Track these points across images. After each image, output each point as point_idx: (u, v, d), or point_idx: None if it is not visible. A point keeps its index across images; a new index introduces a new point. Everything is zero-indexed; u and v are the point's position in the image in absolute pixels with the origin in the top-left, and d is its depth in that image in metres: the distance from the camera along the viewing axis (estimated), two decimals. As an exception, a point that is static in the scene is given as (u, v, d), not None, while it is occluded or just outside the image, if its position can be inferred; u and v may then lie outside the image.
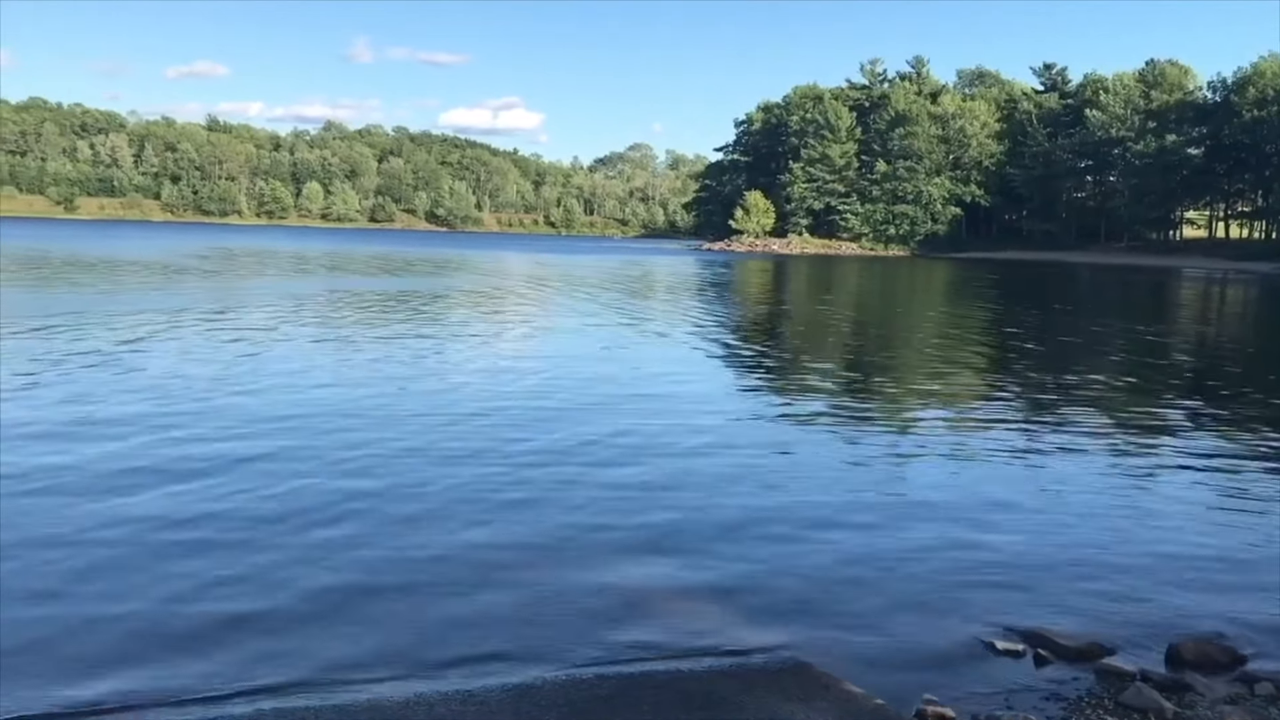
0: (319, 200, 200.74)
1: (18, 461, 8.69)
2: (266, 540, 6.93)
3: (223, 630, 5.48)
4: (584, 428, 11.03)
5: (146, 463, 8.83)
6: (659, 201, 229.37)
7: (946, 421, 12.52)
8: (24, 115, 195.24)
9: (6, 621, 5.46)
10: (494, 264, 59.71)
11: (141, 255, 52.88)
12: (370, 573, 6.41)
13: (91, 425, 10.29)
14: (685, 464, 9.52)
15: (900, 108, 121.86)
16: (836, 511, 8.13)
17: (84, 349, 15.96)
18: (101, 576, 6.17)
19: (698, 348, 19.84)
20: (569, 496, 8.26)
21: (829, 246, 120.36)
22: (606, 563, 6.74)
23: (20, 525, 7.00)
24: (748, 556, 6.96)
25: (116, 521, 7.18)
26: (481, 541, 7.08)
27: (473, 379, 14.48)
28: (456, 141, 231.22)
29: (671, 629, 5.67)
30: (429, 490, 8.30)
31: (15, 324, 18.95)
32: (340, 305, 26.91)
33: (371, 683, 4.93)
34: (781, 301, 38.62)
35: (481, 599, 6.04)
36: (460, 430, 10.69)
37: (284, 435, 10.13)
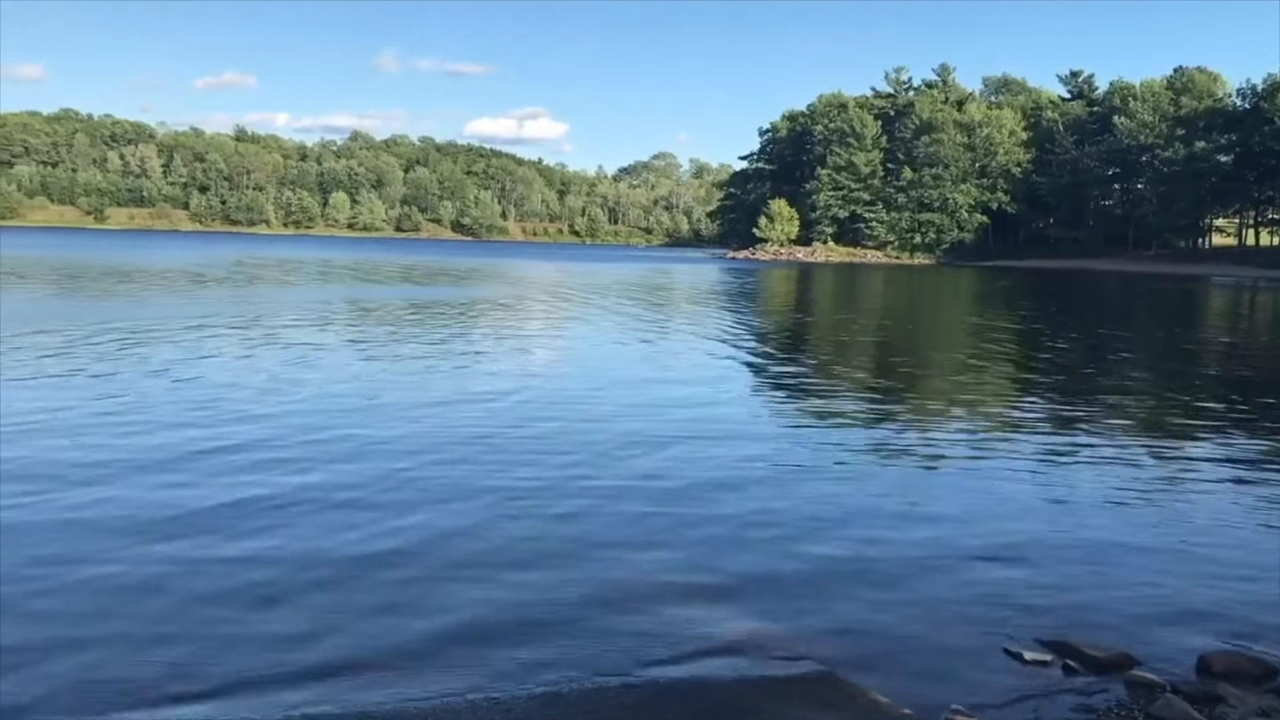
0: (345, 210, 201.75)
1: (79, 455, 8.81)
2: (295, 545, 6.99)
3: (251, 635, 5.53)
4: (609, 438, 11.05)
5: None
6: (683, 210, 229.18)
7: (973, 430, 12.45)
8: (55, 126, 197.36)
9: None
10: (521, 273, 59.86)
11: (177, 265, 53.35)
12: (394, 581, 6.44)
13: (157, 449, 10.40)
14: (706, 474, 9.51)
15: (926, 115, 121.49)
16: (861, 520, 8.11)
17: (155, 359, 16.22)
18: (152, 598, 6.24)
19: (722, 356, 19.82)
20: (594, 506, 8.28)
21: (854, 255, 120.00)
22: (631, 572, 6.74)
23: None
24: (772, 566, 6.95)
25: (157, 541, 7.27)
26: (504, 550, 7.11)
27: (506, 386, 14.54)
28: (482, 151, 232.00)
29: (697, 638, 5.67)
30: (453, 499, 8.34)
31: (73, 332, 19.22)
32: (376, 315, 27.06)
33: (397, 690, 4.95)
34: (807, 310, 38.55)
35: (507, 607, 6.06)
36: (493, 442, 10.74)
37: (308, 447, 10.21)
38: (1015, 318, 34.82)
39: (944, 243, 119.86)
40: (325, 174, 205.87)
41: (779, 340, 24.93)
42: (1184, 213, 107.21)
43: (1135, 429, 12.74)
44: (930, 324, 33.32)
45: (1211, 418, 13.80)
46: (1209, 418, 13.80)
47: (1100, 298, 52.72)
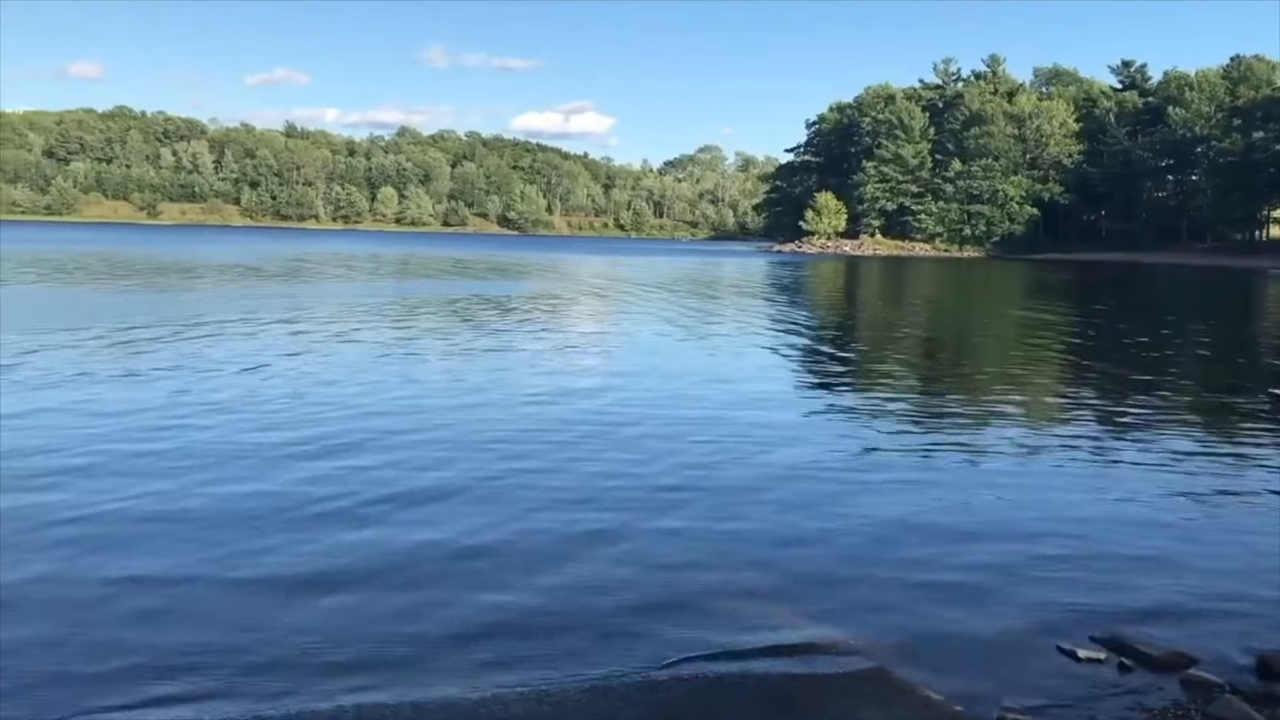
0: (393, 205, 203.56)
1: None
2: (348, 539, 7.08)
3: (305, 630, 5.59)
4: (659, 433, 11.07)
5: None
6: (729, 203, 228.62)
7: (1023, 426, 12.31)
8: (110, 123, 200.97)
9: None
10: (572, 268, 60.01)
11: (237, 260, 54.07)
12: (444, 573, 6.49)
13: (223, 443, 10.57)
14: (756, 469, 9.49)
15: (975, 107, 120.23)
16: (910, 516, 8.04)
17: (247, 355, 16.49)
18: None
19: (776, 354, 19.74)
20: (639, 499, 8.29)
21: (901, 247, 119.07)
22: (679, 565, 6.74)
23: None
24: (820, 561, 6.93)
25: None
26: (554, 544, 7.13)
27: (554, 383, 14.61)
28: (528, 146, 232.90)
29: (745, 632, 5.66)
30: (504, 491, 8.38)
31: (160, 329, 19.61)
32: (446, 311, 27.28)
33: (447, 681, 4.99)
34: (858, 304, 38.31)
35: (557, 598, 6.08)
36: (541, 435, 10.81)
37: (363, 449, 10.32)
38: (1069, 312, 34.37)
39: (994, 235, 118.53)
40: (373, 169, 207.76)
41: (831, 336, 24.78)
42: (1240, 204, 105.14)
43: (1195, 427, 12.52)
44: (982, 319, 32.97)
45: (1272, 413, 13.54)
46: (1269, 413, 13.54)
47: (1156, 291, 51.88)
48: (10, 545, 6.73)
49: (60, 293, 29.93)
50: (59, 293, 29.94)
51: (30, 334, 17.86)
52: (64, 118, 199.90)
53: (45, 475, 8.47)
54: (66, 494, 7.94)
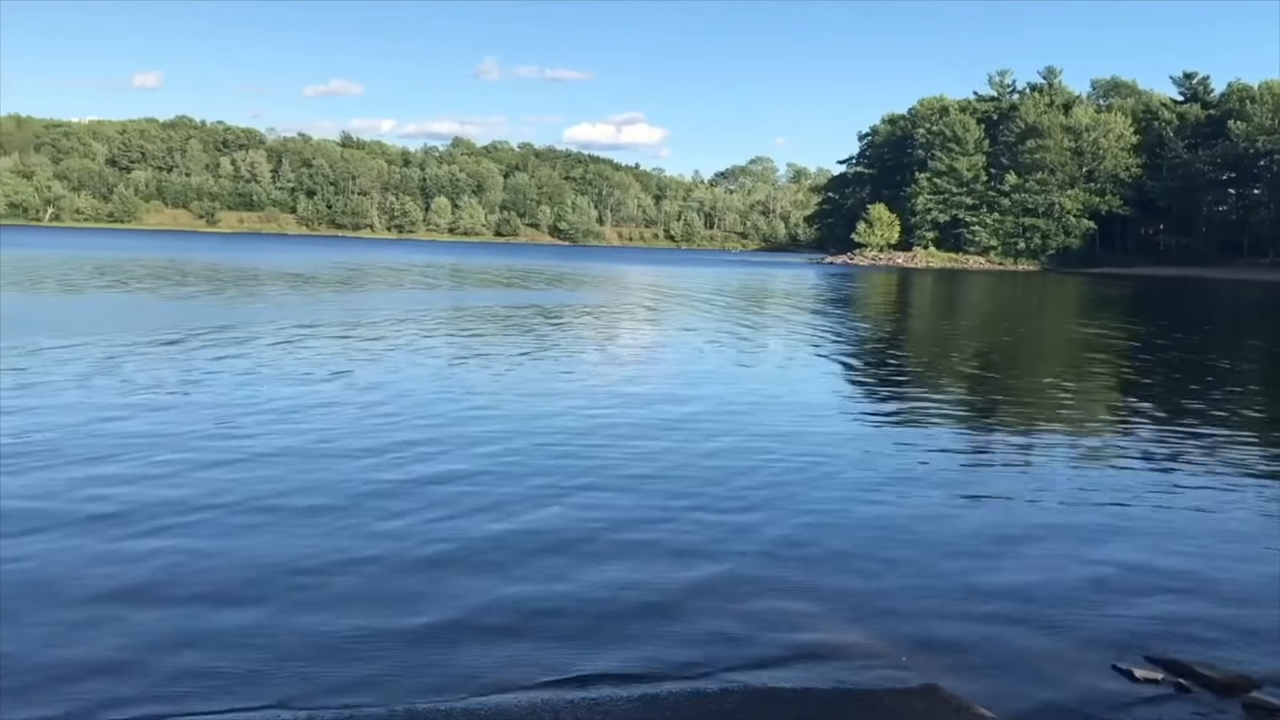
0: (447, 215, 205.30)
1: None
2: (395, 546, 7.14)
3: (357, 636, 5.64)
4: (707, 444, 11.09)
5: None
6: (780, 215, 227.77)
7: (1077, 443, 12.15)
8: (171, 132, 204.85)
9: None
10: (625, 279, 60.15)
11: (299, 269, 54.73)
12: (498, 581, 6.53)
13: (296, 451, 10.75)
14: (803, 483, 9.44)
15: (1031, 119, 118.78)
16: (962, 531, 7.98)
17: (328, 361, 16.79)
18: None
19: (823, 366, 19.68)
20: (690, 513, 8.27)
21: (955, 260, 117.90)
22: (729, 577, 6.73)
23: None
24: (869, 575, 6.88)
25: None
26: (602, 553, 7.15)
27: (606, 390, 14.69)
28: (580, 157, 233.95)
29: (797, 645, 5.63)
30: (551, 505, 8.41)
31: (240, 332, 19.98)
32: (509, 321, 27.50)
33: (497, 689, 5.01)
34: (909, 317, 38.01)
35: (604, 609, 6.09)
36: (590, 448, 10.85)
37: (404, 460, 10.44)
38: (1127, 328, 33.83)
39: (1049, 249, 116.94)
40: (427, 179, 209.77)
41: (885, 350, 24.59)
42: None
43: (1255, 448, 12.25)
44: (1039, 334, 32.56)
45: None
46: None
47: (1217, 308, 50.91)
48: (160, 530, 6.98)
49: (134, 299, 30.56)
50: (131, 299, 30.59)
51: (96, 340, 18.33)
52: (127, 127, 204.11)
53: (176, 469, 8.80)
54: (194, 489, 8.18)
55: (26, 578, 6.26)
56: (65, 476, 8.61)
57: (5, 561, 6.49)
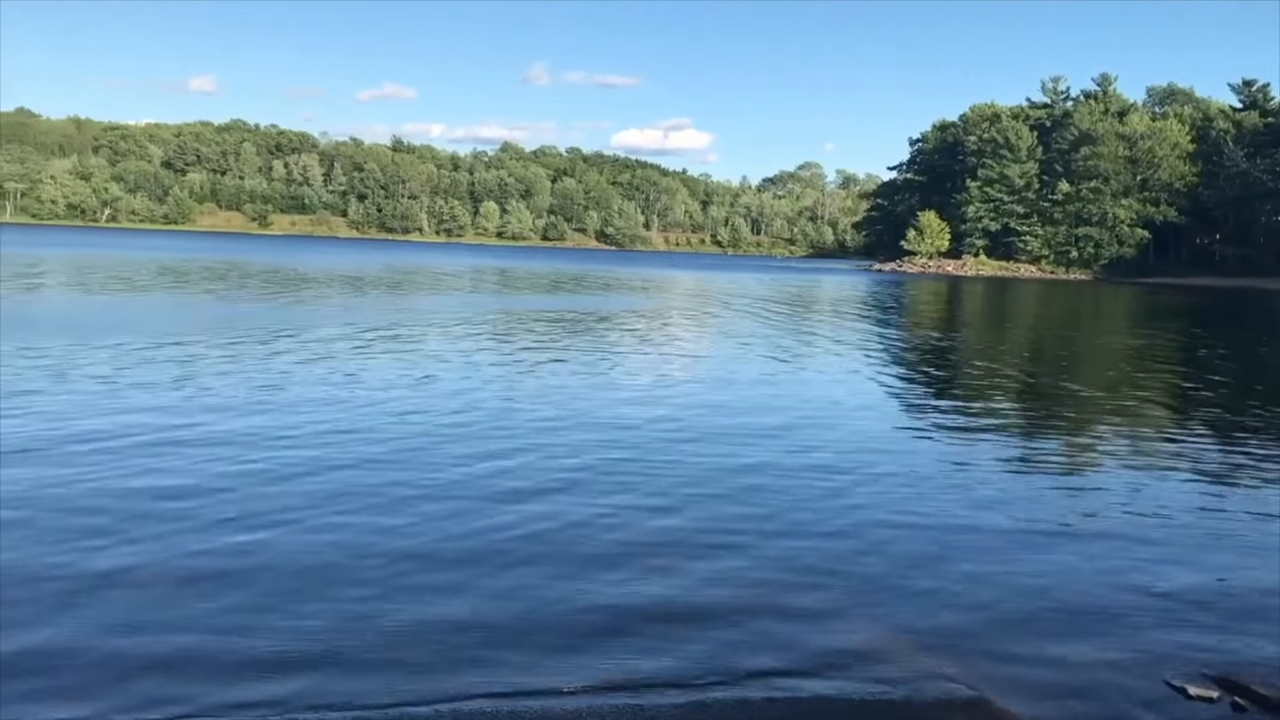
0: (495, 219, 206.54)
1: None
2: (456, 550, 7.24)
3: (408, 638, 5.71)
4: (753, 455, 11.09)
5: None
6: (828, 221, 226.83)
7: (1127, 456, 11.98)
8: (225, 135, 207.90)
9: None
10: (674, 283, 60.15)
11: (356, 272, 55.32)
12: (541, 586, 6.57)
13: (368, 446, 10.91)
14: (856, 494, 9.41)
15: (1085, 127, 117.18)
16: (1012, 544, 7.92)
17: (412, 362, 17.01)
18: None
19: (872, 375, 19.54)
20: (736, 524, 8.29)
21: (1005, 269, 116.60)
22: (777, 587, 6.72)
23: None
24: (917, 586, 6.85)
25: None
26: (647, 561, 7.18)
27: (659, 395, 14.75)
28: (627, 162, 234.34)
29: (842, 655, 5.62)
30: (601, 512, 8.46)
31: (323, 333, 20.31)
32: (566, 325, 27.67)
33: (543, 693, 5.06)
34: (962, 326, 37.66)
35: (652, 616, 6.11)
36: (633, 455, 10.90)
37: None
38: (1182, 340, 33.32)
39: (1101, 258, 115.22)
40: (476, 184, 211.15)
41: (936, 360, 24.40)
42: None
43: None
44: (1095, 344, 32.13)
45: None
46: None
47: (1276, 320, 49.90)
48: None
49: (203, 301, 31.15)
50: (200, 301, 31.23)
51: (165, 341, 18.70)
52: (182, 130, 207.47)
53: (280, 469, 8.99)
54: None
55: (141, 565, 6.50)
56: (202, 468, 9.02)
57: (123, 546, 6.71)
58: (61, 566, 6.49)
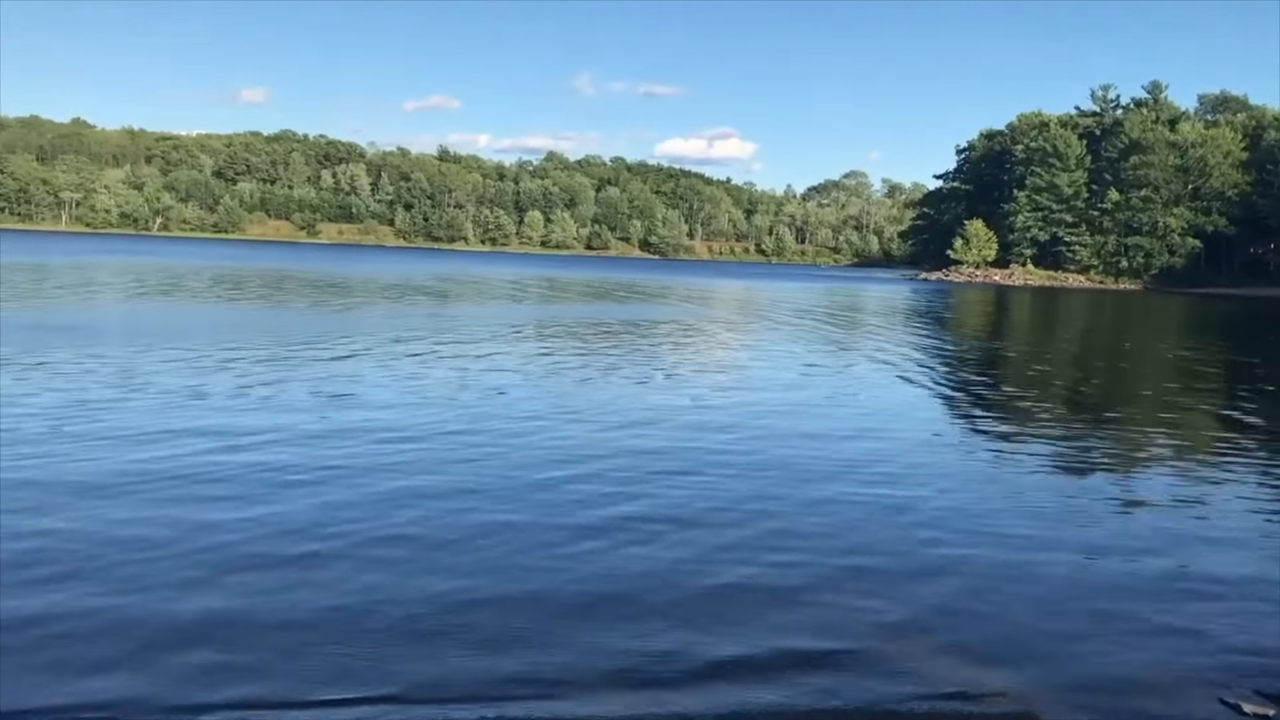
0: (539, 228, 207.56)
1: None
2: (507, 556, 7.31)
3: (470, 646, 5.75)
4: (801, 461, 11.11)
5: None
6: (873, 230, 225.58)
7: (1186, 468, 11.83)
8: (275, 145, 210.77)
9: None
10: (718, 293, 60.17)
11: (411, 281, 55.76)
12: (600, 591, 6.62)
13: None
14: (902, 508, 9.35)
15: (1135, 135, 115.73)
16: (1060, 558, 7.83)
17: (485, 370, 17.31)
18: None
19: (920, 386, 19.42)
20: (787, 531, 8.31)
21: (1053, 278, 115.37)
22: (824, 599, 6.72)
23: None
24: (965, 599, 6.81)
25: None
26: (700, 570, 7.19)
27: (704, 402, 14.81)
28: (671, 171, 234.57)
29: (889, 669, 5.60)
30: (653, 519, 8.50)
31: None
32: (629, 335, 27.85)
33: (585, 698, 5.10)
34: (1020, 338, 37.34)
35: (701, 625, 6.12)
36: (687, 464, 10.95)
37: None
38: (1234, 352, 32.81)
39: (1152, 268, 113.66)
40: (521, 193, 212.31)
41: (984, 370, 24.22)
42: None
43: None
44: (1146, 355, 31.76)
45: None
46: None
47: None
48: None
49: (260, 309, 31.69)
50: (257, 309, 31.77)
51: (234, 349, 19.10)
52: (233, 140, 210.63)
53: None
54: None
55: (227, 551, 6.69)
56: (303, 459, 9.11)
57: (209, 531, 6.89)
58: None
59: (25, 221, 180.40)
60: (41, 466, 9.19)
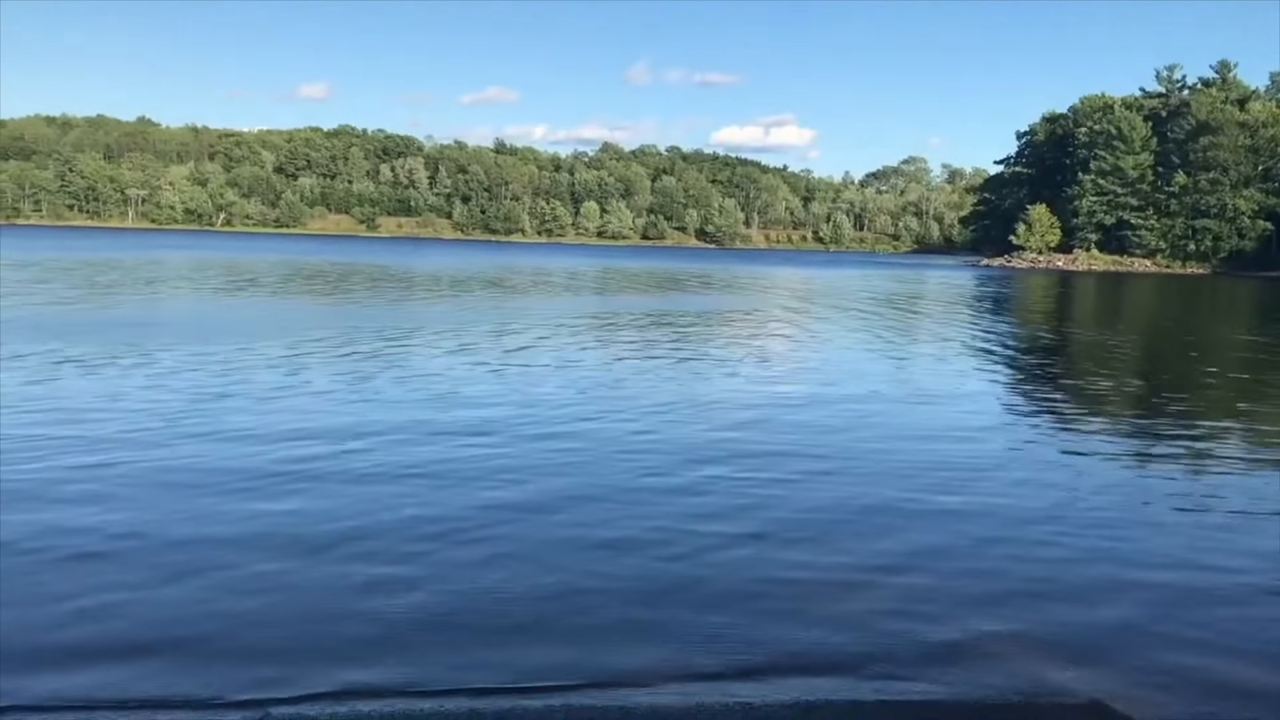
0: (595, 219, 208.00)
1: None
2: (566, 548, 7.37)
3: (516, 632, 5.83)
4: (867, 450, 11.07)
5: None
6: (933, 216, 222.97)
7: (1257, 461, 11.61)
8: (334, 141, 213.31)
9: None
10: (772, 280, 59.90)
11: (472, 273, 56.43)
12: (655, 582, 6.65)
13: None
14: (965, 496, 9.28)
15: (1203, 116, 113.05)
16: (1128, 548, 7.72)
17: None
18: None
19: (986, 375, 19.24)
20: (851, 521, 8.29)
21: (1118, 263, 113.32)
22: (890, 585, 6.70)
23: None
24: (1041, 586, 6.75)
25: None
26: (762, 556, 7.20)
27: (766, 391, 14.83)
28: (727, 160, 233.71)
29: (955, 656, 5.56)
30: (715, 511, 8.51)
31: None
32: (701, 325, 27.94)
33: (655, 684, 5.12)
34: (1086, 323, 36.77)
35: (765, 612, 6.13)
36: (744, 448, 10.96)
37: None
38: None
39: (1220, 251, 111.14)
40: (577, 184, 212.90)
41: (1055, 359, 23.91)
42: None
43: None
44: (1220, 340, 31.13)
45: None
46: None
47: None
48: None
49: (339, 302, 32.24)
50: (337, 302, 32.32)
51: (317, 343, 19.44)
52: (293, 136, 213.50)
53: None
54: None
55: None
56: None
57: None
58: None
59: (93, 218, 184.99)
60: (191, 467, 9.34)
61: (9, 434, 10.27)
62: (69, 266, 47.02)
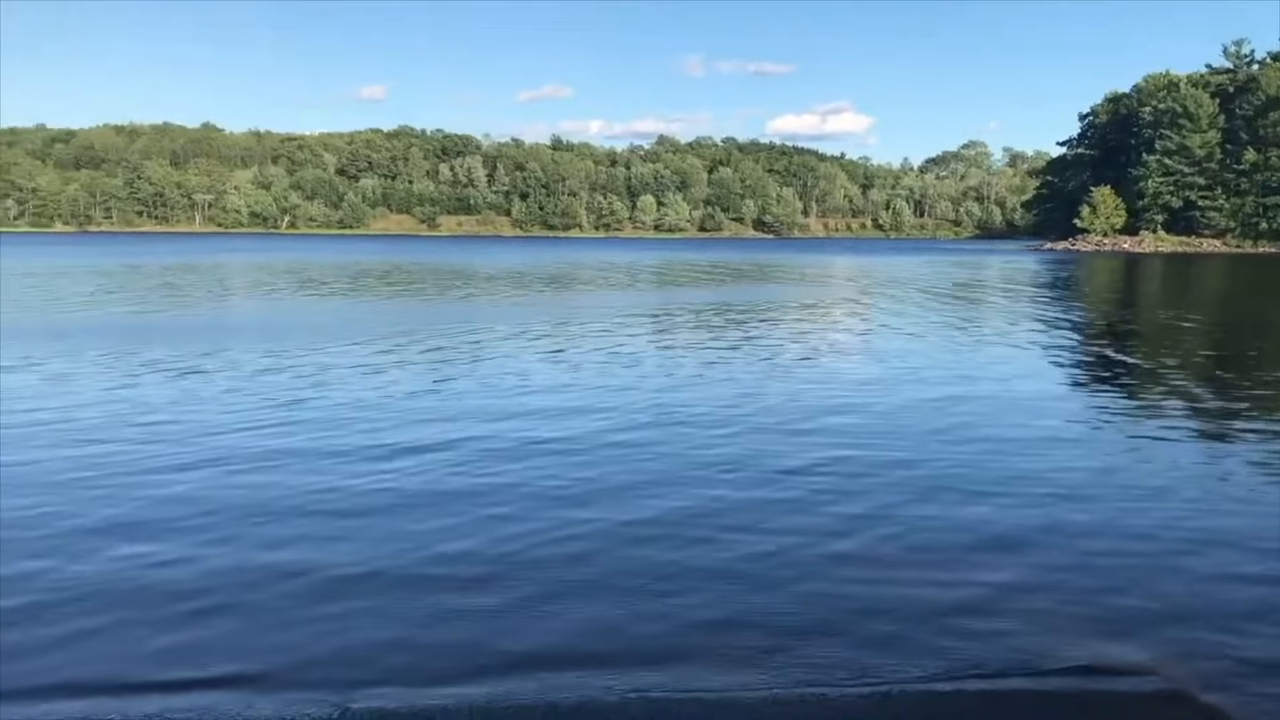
0: (652, 212, 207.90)
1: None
2: (607, 540, 7.42)
3: (552, 626, 5.87)
4: (937, 437, 11.04)
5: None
6: (995, 200, 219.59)
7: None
8: (394, 142, 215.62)
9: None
10: (834, 270, 59.43)
11: (535, 270, 56.56)
12: (706, 572, 6.69)
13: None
14: (1043, 482, 9.19)
15: (1272, 91, 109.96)
16: (1212, 534, 7.63)
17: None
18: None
19: (1053, 361, 19.07)
20: (913, 502, 8.28)
21: (1187, 244, 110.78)
22: (960, 569, 6.70)
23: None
24: (1112, 573, 6.69)
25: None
26: (827, 544, 7.23)
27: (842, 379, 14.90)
28: (784, 149, 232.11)
29: (1030, 643, 5.55)
30: (773, 499, 8.55)
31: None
32: (764, 317, 28.08)
33: (723, 675, 5.18)
34: (1161, 307, 36.19)
35: (831, 601, 6.16)
36: (807, 442, 11.03)
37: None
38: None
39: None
40: (633, 178, 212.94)
41: (1127, 345, 23.63)
42: None
43: None
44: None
45: None
46: None
47: None
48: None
49: (422, 300, 32.70)
50: (421, 301, 32.73)
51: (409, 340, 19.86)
52: (354, 138, 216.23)
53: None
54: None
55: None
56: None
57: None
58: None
59: (162, 224, 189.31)
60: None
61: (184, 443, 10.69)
62: (183, 269, 48.06)
